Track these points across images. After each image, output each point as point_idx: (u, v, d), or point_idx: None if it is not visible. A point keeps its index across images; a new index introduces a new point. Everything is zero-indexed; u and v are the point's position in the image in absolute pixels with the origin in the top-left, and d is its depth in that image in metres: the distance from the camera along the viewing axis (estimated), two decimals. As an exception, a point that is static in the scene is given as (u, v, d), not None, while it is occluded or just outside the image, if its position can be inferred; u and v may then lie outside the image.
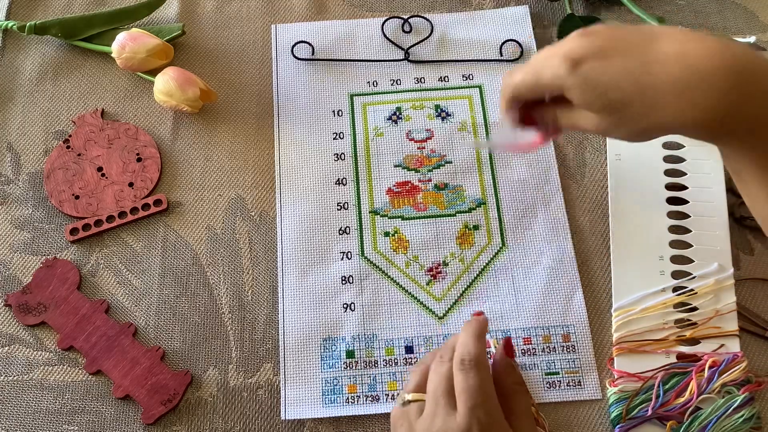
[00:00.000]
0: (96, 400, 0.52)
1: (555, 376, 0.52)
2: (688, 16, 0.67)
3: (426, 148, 0.61)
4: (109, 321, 0.54)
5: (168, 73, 0.60)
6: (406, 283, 0.55)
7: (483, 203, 0.58)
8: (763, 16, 0.66)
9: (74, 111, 0.63)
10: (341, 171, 0.60)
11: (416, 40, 0.65)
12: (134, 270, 0.56)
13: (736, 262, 0.55)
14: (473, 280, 0.55)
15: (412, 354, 0.53)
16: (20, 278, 0.56)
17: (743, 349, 0.52)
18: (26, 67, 0.65)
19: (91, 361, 0.53)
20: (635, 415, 0.50)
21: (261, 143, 0.61)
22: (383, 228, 0.57)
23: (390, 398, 0.51)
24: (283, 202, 0.58)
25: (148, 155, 0.61)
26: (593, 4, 0.67)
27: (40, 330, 0.54)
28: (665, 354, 0.52)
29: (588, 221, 0.58)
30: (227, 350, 0.54)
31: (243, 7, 0.68)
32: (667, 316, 0.53)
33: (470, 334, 0.43)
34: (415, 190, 0.59)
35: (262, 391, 0.52)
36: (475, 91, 0.63)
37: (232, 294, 0.55)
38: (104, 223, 0.58)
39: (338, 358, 0.53)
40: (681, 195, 0.57)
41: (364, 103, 0.63)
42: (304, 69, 0.64)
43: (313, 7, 0.67)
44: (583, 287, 0.55)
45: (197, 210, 0.59)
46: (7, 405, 0.52)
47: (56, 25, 0.64)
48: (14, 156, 0.61)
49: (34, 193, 0.59)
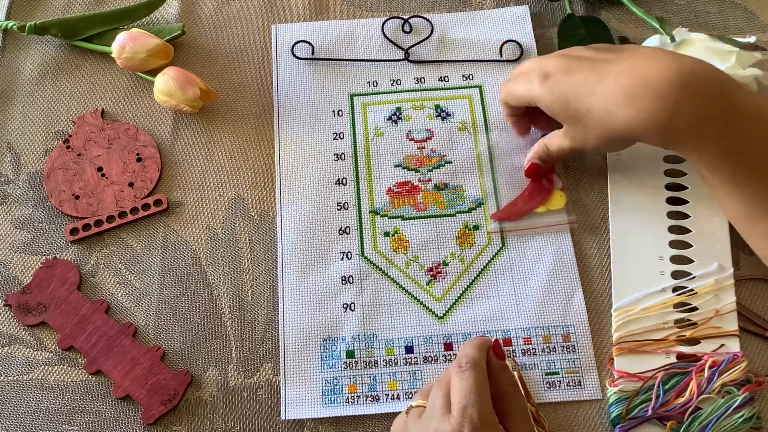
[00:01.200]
0: (96, 400, 0.52)
1: (555, 376, 0.52)
2: (688, 16, 0.67)
3: (426, 148, 0.61)
4: (109, 321, 0.54)
5: (168, 73, 0.60)
6: (406, 283, 0.55)
7: (483, 203, 0.58)
8: (763, 16, 0.67)
9: (74, 111, 0.63)
10: (341, 171, 0.60)
11: (416, 40, 0.65)
12: (134, 270, 0.56)
13: (736, 262, 0.55)
14: (473, 280, 0.55)
15: (412, 354, 0.53)
16: (20, 278, 0.56)
17: (743, 349, 0.52)
18: (26, 67, 0.65)
19: (91, 361, 0.53)
20: (635, 415, 0.50)
21: (261, 143, 0.61)
22: (383, 228, 0.57)
23: (390, 398, 0.52)
24: (283, 202, 0.59)
25: (148, 155, 0.61)
26: (593, 4, 0.67)
27: (40, 330, 0.54)
28: (665, 354, 0.52)
29: (588, 221, 0.58)
30: (227, 350, 0.54)
31: (243, 7, 0.68)
32: (667, 316, 0.53)
33: (471, 343, 0.44)
34: (415, 190, 0.59)
35: (262, 391, 0.52)
36: (475, 91, 0.63)
37: (232, 294, 0.55)
38: (104, 223, 0.58)
39: (338, 358, 0.53)
40: (681, 195, 0.57)
41: (364, 103, 0.63)
42: (304, 69, 0.64)
43: (313, 7, 0.68)
44: (583, 287, 0.55)
45: (197, 210, 0.59)
46: (7, 405, 0.52)
47: (56, 25, 0.65)
48: (14, 156, 0.61)
49: (34, 193, 0.59)
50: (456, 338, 0.53)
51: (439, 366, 0.52)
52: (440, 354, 0.53)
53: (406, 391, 0.52)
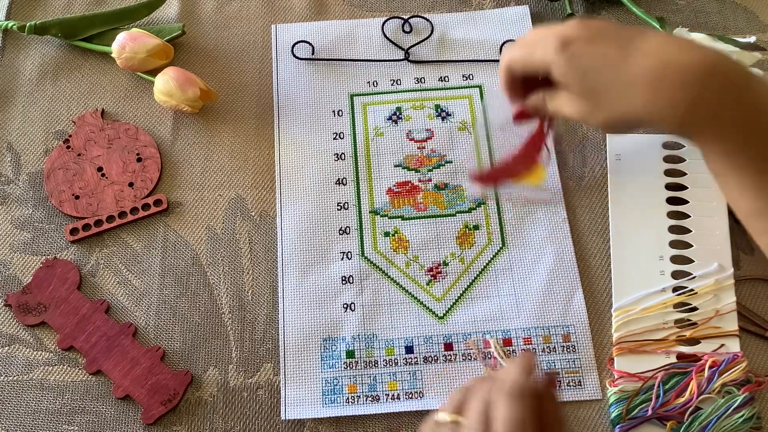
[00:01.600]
0: (96, 400, 0.52)
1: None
2: (689, 16, 0.67)
3: (426, 148, 0.61)
4: (109, 321, 0.54)
5: (168, 73, 0.60)
6: (406, 283, 0.55)
7: (483, 203, 0.58)
8: (763, 16, 0.67)
9: (74, 111, 0.63)
10: (341, 171, 0.60)
11: (416, 40, 0.65)
12: (134, 270, 0.56)
13: (736, 262, 0.55)
14: (473, 280, 0.55)
15: (412, 354, 0.53)
16: (20, 278, 0.56)
17: (743, 349, 0.52)
18: (26, 67, 0.65)
19: (91, 361, 0.53)
20: (635, 415, 0.50)
21: (261, 143, 0.61)
22: (383, 228, 0.57)
23: (390, 398, 0.51)
24: (283, 202, 0.58)
25: (148, 155, 0.61)
26: (593, 4, 0.67)
27: (40, 330, 0.54)
28: (665, 354, 0.52)
29: (588, 221, 0.58)
30: (227, 350, 0.54)
31: (243, 7, 0.68)
32: (667, 316, 0.53)
33: (519, 365, 0.42)
34: (415, 190, 0.59)
35: (262, 391, 0.52)
36: (475, 91, 0.63)
37: (232, 294, 0.55)
38: (104, 223, 0.58)
39: (338, 358, 0.53)
40: (681, 195, 0.57)
41: (364, 103, 0.63)
42: (304, 69, 0.64)
43: (313, 7, 0.68)
44: (583, 287, 0.55)
45: (197, 210, 0.59)
46: (7, 405, 0.52)
47: (56, 25, 0.64)
48: (14, 156, 0.61)
49: (34, 193, 0.59)
50: (456, 338, 0.53)
51: (439, 366, 0.52)
52: (440, 354, 0.53)
53: (406, 391, 0.52)
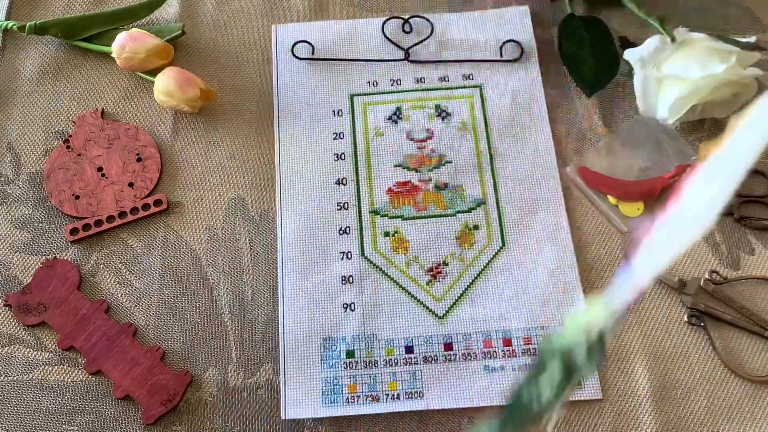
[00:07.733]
0: (96, 400, 0.52)
1: (555, 376, 0.52)
2: (689, 16, 0.66)
3: (426, 148, 0.61)
4: (109, 321, 0.54)
5: (168, 73, 0.60)
6: (406, 283, 0.55)
7: (483, 203, 0.58)
8: (763, 16, 0.66)
9: (74, 111, 0.63)
10: (341, 171, 0.60)
11: (416, 40, 0.65)
12: (134, 270, 0.56)
13: (736, 262, 0.55)
14: (473, 279, 0.55)
15: (412, 354, 0.53)
16: (20, 278, 0.56)
17: (738, 351, 0.52)
18: (26, 67, 0.65)
19: (91, 361, 0.53)
20: None
21: (261, 143, 0.61)
22: (383, 228, 0.57)
23: (390, 398, 0.51)
24: (283, 202, 0.58)
25: (148, 155, 0.61)
26: (593, 4, 0.67)
27: (40, 330, 0.54)
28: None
29: (588, 221, 0.58)
30: (227, 350, 0.54)
31: (243, 7, 0.68)
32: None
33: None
34: (415, 190, 0.59)
35: (262, 391, 0.52)
36: (475, 91, 0.63)
37: (232, 294, 0.55)
38: (104, 223, 0.58)
39: (338, 358, 0.53)
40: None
41: (364, 103, 0.63)
42: (304, 69, 0.64)
43: (313, 7, 0.67)
44: (583, 287, 0.55)
45: (197, 210, 0.59)
46: (7, 405, 0.52)
47: (56, 25, 0.65)
48: (14, 156, 0.61)
49: (34, 193, 0.59)
50: (456, 338, 0.53)
51: (439, 366, 0.52)
52: (440, 354, 0.53)
53: (406, 391, 0.52)
